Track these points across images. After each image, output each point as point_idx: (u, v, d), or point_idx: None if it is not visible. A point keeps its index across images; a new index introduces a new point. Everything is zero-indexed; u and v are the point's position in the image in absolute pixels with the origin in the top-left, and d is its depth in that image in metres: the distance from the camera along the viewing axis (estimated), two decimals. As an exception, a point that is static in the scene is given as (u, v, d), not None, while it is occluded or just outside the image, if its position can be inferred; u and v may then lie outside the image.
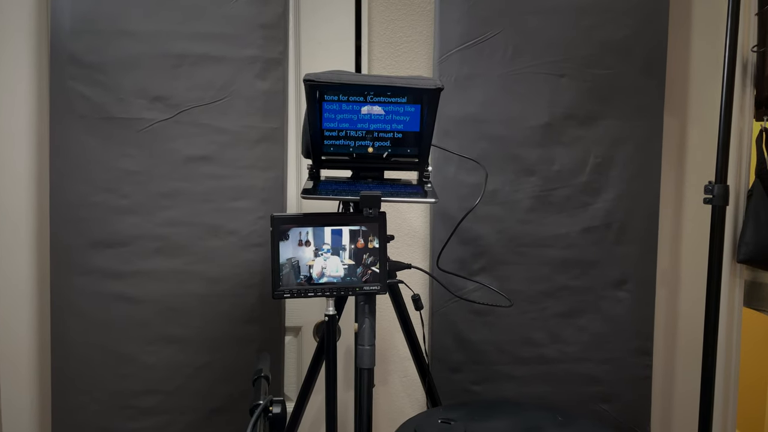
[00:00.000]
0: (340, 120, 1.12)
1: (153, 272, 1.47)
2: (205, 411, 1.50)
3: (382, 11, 1.60)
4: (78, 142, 1.44)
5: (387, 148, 1.16)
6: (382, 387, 1.66)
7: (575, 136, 1.58)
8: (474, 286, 1.54)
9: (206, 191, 1.48)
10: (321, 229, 1.08)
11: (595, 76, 1.57)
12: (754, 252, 1.65)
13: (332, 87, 1.07)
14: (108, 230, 1.46)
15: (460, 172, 1.55)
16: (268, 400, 0.99)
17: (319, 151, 1.15)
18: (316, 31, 1.60)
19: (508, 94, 1.55)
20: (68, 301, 1.46)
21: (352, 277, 1.10)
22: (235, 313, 1.51)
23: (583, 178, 1.58)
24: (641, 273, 1.62)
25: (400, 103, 1.11)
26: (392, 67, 1.61)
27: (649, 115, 1.60)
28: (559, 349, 1.61)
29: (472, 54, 1.54)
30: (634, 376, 1.63)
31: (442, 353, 1.58)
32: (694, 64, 1.68)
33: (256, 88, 1.49)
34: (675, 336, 1.73)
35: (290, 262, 1.08)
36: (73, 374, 1.46)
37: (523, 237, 1.58)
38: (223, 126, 1.48)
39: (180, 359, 1.49)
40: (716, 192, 1.34)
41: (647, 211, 1.61)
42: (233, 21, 1.47)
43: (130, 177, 1.46)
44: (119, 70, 1.44)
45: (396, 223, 1.63)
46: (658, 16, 1.59)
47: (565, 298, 1.60)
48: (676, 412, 1.74)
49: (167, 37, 1.45)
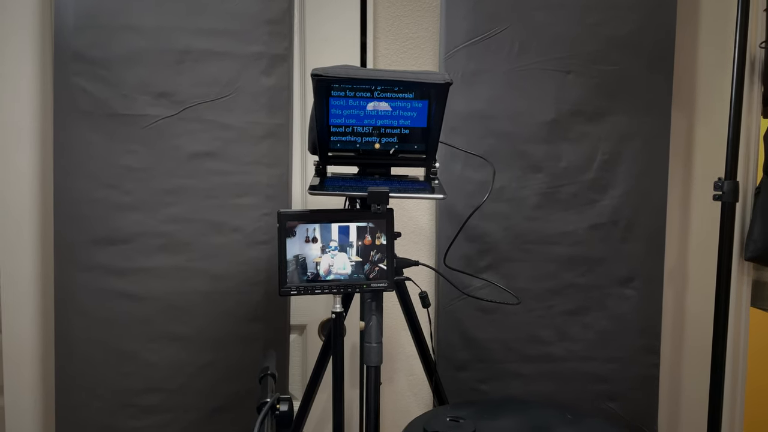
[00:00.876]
0: (346, 116, 1.11)
1: (156, 269, 1.46)
2: (209, 409, 1.49)
3: (388, 7, 1.59)
4: (82, 139, 1.43)
5: (394, 144, 1.15)
6: (388, 385, 1.65)
7: (582, 132, 1.56)
8: (481, 283, 1.53)
9: (210, 188, 1.47)
10: (328, 226, 1.07)
11: (601, 72, 1.56)
12: (762, 249, 1.63)
13: (339, 82, 1.06)
14: (111, 227, 1.45)
15: (466, 168, 1.54)
16: (276, 397, 0.98)
17: (325, 147, 1.14)
18: (321, 28, 1.59)
19: (514, 90, 1.54)
20: (71, 298, 1.45)
21: (359, 274, 1.09)
22: (239, 311, 1.50)
23: (590, 174, 1.57)
24: (648, 270, 1.60)
25: (407, 98, 1.10)
26: (398, 64, 1.60)
27: (656, 111, 1.59)
28: (566, 347, 1.60)
29: (478, 50, 1.53)
30: (641, 374, 1.62)
31: (449, 351, 1.57)
32: (701, 59, 1.67)
33: (261, 84, 1.48)
34: (682, 334, 1.72)
35: (297, 258, 1.07)
36: (76, 372, 1.45)
37: (530, 234, 1.57)
38: (228, 122, 1.47)
39: (183, 357, 1.48)
40: (726, 188, 1.33)
41: (655, 208, 1.60)
42: (238, 17, 1.46)
43: (134, 174, 1.45)
44: (123, 66, 1.43)
45: (402, 221, 1.61)
46: (665, 11, 1.57)
47: (572, 296, 1.59)
48: (683, 411, 1.73)
49: (171, 33, 1.44)
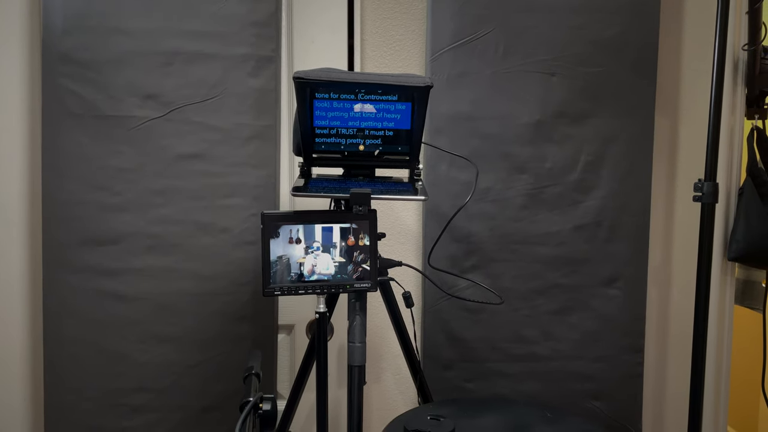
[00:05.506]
0: (331, 118, 1.12)
1: (145, 270, 1.48)
2: (198, 409, 1.51)
3: (375, 9, 1.60)
4: (70, 140, 1.44)
5: (378, 146, 1.16)
6: (375, 384, 1.66)
7: (566, 134, 1.58)
8: (466, 283, 1.54)
9: (198, 189, 1.49)
10: (311, 227, 1.09)
11: (586, 75, 1.57)
12: (744, 250, 1.65)
13: (322, 84, 1.07)
14: (100, 228, 1.46)
15: (452, 169, 1.56)
16: (258, 397, 0.99)
17: (310, 148, 1.15)
18: (308, 29, 1.60)
19: (499, 92, 1.56)
20: (60, 299, 1.46)
21: (342, 275, 1.10)
22: (227, 310, 1.51)
23: (575, 175, 1.59)
24: (632, 270, 1.62)
25: (391, 101, 1.11)
26: (385, 65, 1.62)
27: (640, 114, 1.60)
28: (551, 346, 1.61)
29: (464, 52, 1.55)
30: (626, 373, 1.63)
31: (435, 351, 1.59)
32: (685, 62, 1.69)
33: (248, 86, 1.49)
34: (666, 333, 1.74)
35: (281, 259, 1.08)
36: (65, 372, 1.47)
37: (515, 234, 1.58)
38: (215, 124, 1.48)
39: (172, 357, 1.49)
40: (705, 189, 1.35)
41: (638, 209, 1.62)
42: (225, 19, 1.47)
43: (122, 174, 1.46)
44: (111, 68, 1.45)
45: (389, 221, 1.63)
46: (649, 14, 1.59)
47: (557, 296, 1.61)
48: (667, 409, 1.75)
49: (159, 35, 1.45)
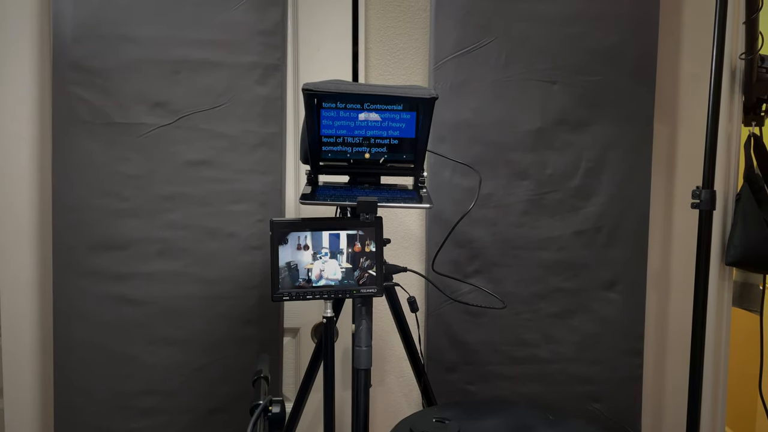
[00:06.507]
0: (337, 127, 1.14)
1: (153, 274, 1.50)
2: (205, 411, 1.53)
3: (379, 18, 1.63)
4: (80, 147, 1.47)
5: (383, 154, 1.19)
6: (380, 387, 1.69)
7: (567, 141, 1.61)
8: (469, 288, 1.57)
9: (206, 195, 1.51)
10: (319, 234, 1.11)
11: (586, 83, 1.60)
12: (742, 254, 1.68)
13: (330, 96, 1.10)
14: (109, 233, 1.48)
15: (455, 176, 1.58)
16: (268, 400, 1.01)
17: (317, 157, 1.18)
18: (313, 38, 1.62)
19: (501, 100, 1.59)
20: (70, 303, 1.48)
21: (349, 280, 1.12)
22: (234, 314, 1.53)
23: (575, 182, 1.62)
24: (632, 275, 1.65)
25: (396, 110, 1.13)
26: (388, 74, 1.64)
27: (639, 121, 1.63)
28: (552, 349, 1.64)
29: (466, 61, 1.57)
30: (626, 376, 1.66)
31: (438, 354, 1.61)
32: (683, 71, 1.71)
33: (255, 94, 1.52)
34: (665, 337, 1.76)
35: (289, 265, 1.11)
36: (74, 374, 1.49)
37: (517, 240, 1.61)
38: (222, 131, 1.51)
39: (180, 360, 1.52)
40: (703, 197, 1.38)
41: (638, 215, 1.64)
42: (233, 28, 1.50)
43: (131, 181, 1.49)
44: (120, 76, 1.47)
45: (393, 226, 1.65)
46: (648, 24, 1.62)
47: (558, 300, 1.63)
48: (666, 412, 1.78)
49: (168, 44, 1.48)
